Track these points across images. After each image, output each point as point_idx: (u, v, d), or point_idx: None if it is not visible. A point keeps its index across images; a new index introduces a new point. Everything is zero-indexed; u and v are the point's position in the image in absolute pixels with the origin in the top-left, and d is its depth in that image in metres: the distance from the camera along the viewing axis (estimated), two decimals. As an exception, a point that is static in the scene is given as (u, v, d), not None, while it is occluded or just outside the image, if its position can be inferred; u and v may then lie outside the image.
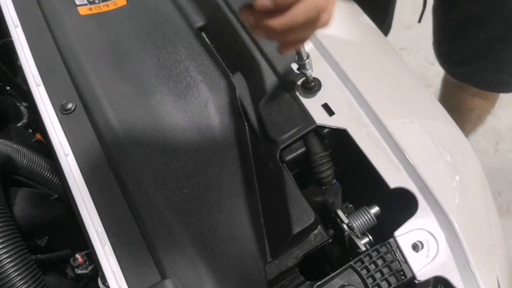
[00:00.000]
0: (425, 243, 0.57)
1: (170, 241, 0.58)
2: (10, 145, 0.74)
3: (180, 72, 0.73)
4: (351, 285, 0.56)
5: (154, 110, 0.69)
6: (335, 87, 0.67)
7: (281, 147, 0.63)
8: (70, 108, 0.68)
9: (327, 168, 0.64)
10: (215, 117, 0.68)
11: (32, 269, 0.61)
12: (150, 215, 0.59)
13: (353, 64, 0.67)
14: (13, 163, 0.74)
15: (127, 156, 0.64)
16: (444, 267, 0.56)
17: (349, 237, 0.62)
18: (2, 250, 0.58)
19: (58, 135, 0.66)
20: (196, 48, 0.76)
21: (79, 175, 0.63)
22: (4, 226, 0.60)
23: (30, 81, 0.71)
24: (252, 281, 0.58)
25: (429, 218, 0.58)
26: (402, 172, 0.60)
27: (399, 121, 0.62)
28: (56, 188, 0.83)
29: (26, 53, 0.74)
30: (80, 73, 0.72)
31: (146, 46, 0.76)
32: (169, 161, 0.64)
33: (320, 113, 0.65)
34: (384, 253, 0.56)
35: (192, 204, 0.61)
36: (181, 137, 0.66)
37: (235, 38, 0.75)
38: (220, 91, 0.71)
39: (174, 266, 0.56)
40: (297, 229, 0.58)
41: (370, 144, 0.62)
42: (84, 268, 0.85)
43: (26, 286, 0.59)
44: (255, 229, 0.61)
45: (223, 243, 0.59)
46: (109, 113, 0.68)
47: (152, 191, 0.61)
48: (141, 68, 0.73)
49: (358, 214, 0.63)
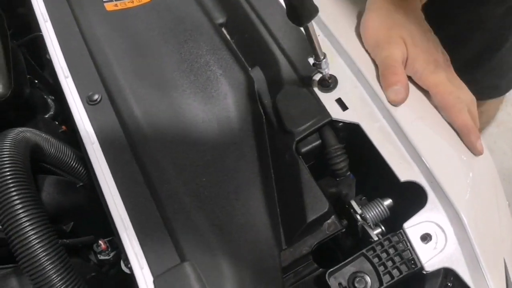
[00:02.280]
0: (434, 235, 0.59)
1: (189, 226, 0.61)
2: (39, 134, 0.78)
3: (201, 66, 0.76)
4: (363, 272, 0.58)
5: (176, 101, 0.72)
6: (349, 82, 0.69)
7: (297, 139, 0.65)
8: (96, 99, 0.72)
9: (341, 160, 0.66)
10: (234, 109, 0.71)
11: (61, 251, 0.64)
12: (171, 201, 0.62)
13: (367, 60, 0.69)
14: (41, 151, 0.78)
15: (149, 145, 0.67)
16: (451, 259, 0.58)
17: (362, 227, 0.64)
18: (32, 233, 0.62)
19: (85, 125, 0.70)
20: (216, 43, 0.78)
21: (104, 162, 0.66)
22: (35, 210, 0.63)
23: (59, 73, 0.75)
24: (267, 267, 0.61)
25: (438, 211, 0.60)
26: (413, 166, 0.62)
27: (411, 117, 0.64)
28: (81, 177, 0.87)
29: (55, 46, 0.78)
30: (105, 66, 0.75)
31: (169, 40, 0.79)
32: (189, 150, 0.67)
33: (334, 107, 0.67)
34: (395, 242, 0.58)
35: (211, 191, 0.64)
36: (201, 128, 0.69)
37: (254, 34, 0.78)
38: (239, 84, 0.73)
39: (193, 249, 0.59)
40: (312, 217, 0.60)
41: (382, 138, 0.64)
42: (107, 255, 0.89)
43: (54, 266, 0.62)
44: (271, 217, 0.64)
45: (239, 230, 0.62)
46: (133, 104, 0.71)
47: (172, 179, 0.64)
48: (163, 61, 0.76)
49: (371, 205, 0.65)
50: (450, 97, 0.64)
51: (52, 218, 0.69)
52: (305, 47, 0.73)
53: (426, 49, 0.67)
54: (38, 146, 0.76)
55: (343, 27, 0.73)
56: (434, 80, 0.65)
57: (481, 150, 0.63)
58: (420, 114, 0.64)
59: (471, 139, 0.63)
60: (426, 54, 0.66)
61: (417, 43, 0.67)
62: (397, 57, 0.66)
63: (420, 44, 0.67)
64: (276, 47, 0.74)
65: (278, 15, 0.77)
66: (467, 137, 0.63)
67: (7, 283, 0.69)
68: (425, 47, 0.67)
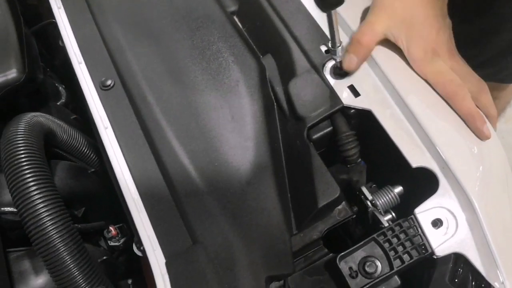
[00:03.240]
0: (445, 221, 0.59)
1: (201, 209, 0.61)
2: (52, 120, 0.78)
3: (212, 53, 0.76)
4: (373, 256, 0.59)
5: (188, 87, 0.72)
6: (362, 70, 0.69)
7: (308, 125, 0.66)
8: (109, 84, 0.72)
9: (353, 147, 0.66)
10: (245, 96, 0.71)
11: (74, 234, 0.65)
12: (184, 186, 0.63)
13: (380, 47, 0.69)
14: (54, 137, 0.79)
15: (161, 129, 0.67)
16: (462, 244, 0.58)
17: (372, 213, 0.64)
18: (46, 214, 0.62)
19: (98, 109, 0.70)
20: (228, 30, 0.79)
21: (117, 146, 0.67)
22: (49, 193, 0.64)
23: (73, 59, 0.76)
24: (278, 251, 0.61)
25: (449, 197, 0.60)
26: (425, 152, 0.62)
27: (423, 104, 0.64)
28: (93, 163, 0.88)
29: (69, 33, 0.79)
30: (118, 52, 0.76)
31: (181, 28, 0.79)
32: (200, 135, 0.67)
33: (347, 94, 0.68)
34: (406, 227, 0.58)
35: (223, 176, 0.64)
36: (212, 114, 0.70)
37: (266, 22, 0.78)
38: (250, 71, 0.74)
39: (205, 232, 0.60)
40: (322, 202, 0.61)
41: (394, 124, 0.64)
42: (117, 241, 0.90)
43: (67, 249, 0.63)
44: (282, 202, 0.64)
45: (251, 214, 0.62)
46: (146, 90, 0.71)
47: (186, 163, 0.65)
48: (175, 48, 0.76)
49: (382, 192, 0.65)
50: (451, 85, 0.64)
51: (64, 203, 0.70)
52: (316, 35, 0.74)
53: (425, 35, 0.66)
54: (51, 131, 0.77)
55: (356, 15, 0.73)
56: (433, 70, 0.65)
57: (488, 134, 0.63)
58: (432, 101, 0.64)
59: (477, 125, 0.62)
60: (422, 41, 0.65)
61: (414, 27, 0.66)
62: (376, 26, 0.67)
63: (418, 29, 0.66)
64: (288, 35, 0.75)
65: (290, 3, 0.77)
66: (472, 123, 0.63)
67: (20, 265, 0.70)
68: (424, 33, 0.66)
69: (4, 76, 0.73)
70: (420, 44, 0.65)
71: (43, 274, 0.68)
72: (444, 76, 0.65)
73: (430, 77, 0.66)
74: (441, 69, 0.65)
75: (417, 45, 0.65)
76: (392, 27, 0.67)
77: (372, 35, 0.68)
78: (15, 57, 0.74)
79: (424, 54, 0.65)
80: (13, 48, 0.75)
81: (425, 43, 0.65)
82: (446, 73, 0.65)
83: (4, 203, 0.71)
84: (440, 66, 0.65)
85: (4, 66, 0.73)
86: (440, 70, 0.65)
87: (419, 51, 0.65)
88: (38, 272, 0.69)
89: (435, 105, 0.64)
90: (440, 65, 0.65)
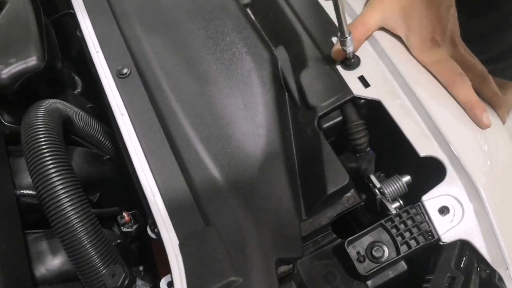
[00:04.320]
0: (451, 208, 0.60)
1: (214, 193, 0.63)
2: (70, 107, 0.81)
3: (226, 44, 0.78)
4: (380, 242, 0.60)
5: (202, 76, 0.74)
6: (372, 61, 0.71)
7: (319, 114, 0.67)
8: (126, 72, 0.75)
9: (362, 136, 0.68)
10: (258, 86, 0.73)
11: (92, 218, 0.67)
12: (197, 171, 0.65)
13: (389, 39, 0.70)
14: (71, 123, 0.82)
15: (176, 116, 0.70)
16: (468, 231, 0.59)
17: (380, 201, 0.66)
18: (65, 195, 0.65)
19: (115, 97, 0.73)
20: (241, 22, 0.80)
21: (133, 132, 0.69)
22: (69, 178, 0.66)
23: (90, 48, 0.78)
24: (288, 235, 0.63)
25: (456, 185, 0.61)
26: (433, 141, 0.63)
27: (432, 93, 0.65)
28: (107, 150, 0.91)
29: (87, 22, 0.81)
30: (134, 41, 0.78)
31: (195, 18, 0.81)
32: (214, 123, 0.69)
33: (357, 84, 0.69)
34: (414, 214, 0.60)
35: (235, 162, 0.66)
36: (225, 102, 0.72)
37: (279, 14, 0.79)
38: (263, 62, 0.75)
39: (217, 215, 0.61)
40: (332, 189, 0.62)
41: (403, 114, 0.66)
42: (130, 227, 0.92)
43: (87, 233, 0.65)
44: (292, 188, 0.66)
45: (262, 198, 0.64)
46: (161, 78, 0.74)
47: (199, 149, 0.67)
48: (190, 38, 0.78)
49: (390, 181, 0.67)
50: (450, 74, 0.65)
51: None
52: (328, 27, 0.75)
53: (425, 24, 0.66)
54: (69, 118, 0.80)
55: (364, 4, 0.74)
56: (431, 58, 0.66)
57: (487, 123, 0.63)
58: (441, 91, 0.66)
59: (476, 113, 0.63)
60: (421, 30, 0.67)
61: (414, 16, 0.67)
62: (368, 20, 0.69)
63: (418, 18, 0.67)
64: (300, 27, 0.76)
65: (303, -5, 0.79)
66: (471, 111, 0.64)
67: (37, 245, 0.72)
68: (424, 22, 0.66)
69: (24, 64, 0.75)
70: (418, 33, 0.67)
71: (60, 255, 0.71)
72: (442, 65, 0.66)
73: (429, 66, 0.67)
74: (440, 58, 0.66)
75: (416, 34, 0.67)
76: (389, 18, 0.69)
77: (363, 30, 0.70)
78: (35, 45, 0.77)
79: (423, 42, 0.67)
80: (33, 37, 0.77)
81: (424, 32, 0.66)
82: (444, 61, 0.66)
83: (23, 186, 0.74)
84: (439, 55, 0.66)
85: (24, 53, 0.76)
86: (439, 59, 0.66)
87: (418, 39, 0.67)
88: (55, 252, 0.71)
89: (443, 95, 0.65)
90: (439, 54, 0.66)
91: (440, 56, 0.66)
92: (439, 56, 0.66)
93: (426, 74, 0.67)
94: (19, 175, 0.75)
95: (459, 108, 0.65)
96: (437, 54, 0.66)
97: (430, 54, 0.66)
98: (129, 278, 0.60)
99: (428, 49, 0.66)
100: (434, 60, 0.66)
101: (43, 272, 0.70)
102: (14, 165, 0.76)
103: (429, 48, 0.66)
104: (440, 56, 0.66)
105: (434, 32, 0.66)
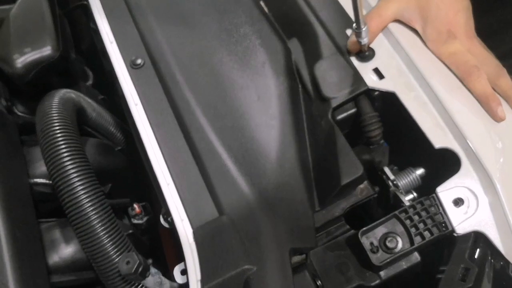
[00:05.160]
0: (466, 200, 0.60)
1: (227, 182, 0.63)
2: (83, 97, 0.81)
3: (240, 36, 0.78)
4: (394, 233, 0.60)
5: (215, 68, 0.74)
6: (387, 53, 0.71)
7: (333, 106, 0.67)
8: (140, 63, 0.75)
9: (376, 128, 0.68)
10: (271, 77, 0.73)
11: (106, 207, 0.67)
12: (211, 161, 0.65)
13: (404, 31, 0.70)
14: (84, 114, 0.82)
15: (190, 106, 0.70)
16: (482, 223, 0.59)
17: (394, 193, 0.66)
18: (81, 186, 0.65)
19: (129, 87, 0.73)
20: (255, 14, 0.81)
21: (146, 122, 0.69)
22: (83, 166, 0.66)
23: (104, 38, 0.78)
24: (301, 225, 0.63)
25: (471, 177, 0.61)
26: (447, 133, 0.63)
27: (447, 86, 0.65)
28: (119, 142, 0.91)
29: (101, 13, 0.81)
30: (148, 32, 0.79)
31: (209, 10, 0.81)
32: (228, 113, 0.70)
33: (371, 76, 0.69)
34: (428, 205, 0.60)
35: (249, 153, 0.66)
36: (239, 94, 0.72)
37: (292, 6, 0.79)
38: (276, 54, 0.75)
39: (231, 204, 0.62)
40: (345, 180, 0.62)
41: (418, 106, 0.66)
42: (140, 219, 0.93)
43: (101, 221, 0.65)
44: (305, 179, 0.66)
45: (275, 189, 0.64)
46: (175, 69, 0.74)
47: (213, 139, 0.67)
48: (204, 30, 0.79)
49: (403, 173, 0.67)
50: (465, 66, 0.65)
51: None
52: (342, 19, 0.75)
53: (441, 16, 0.66)
54: (82, 108, 0.80)
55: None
56: (447, 51, 0.66)
57: (502, 116, 0.63)
58: (456, 83, 0.65)
59: (491, 106, 0.63)
60: (437, 22, 0.67)
61: (430, 8, 0.67)
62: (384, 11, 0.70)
63: (434, 10, 0.67)
64: (314, 19, 0.76)
65: (317, -12, 0.79)
66: (486, 104, 0.64)
67: (51, 234, 0.72)
68: (440, 14, 0.66)
69: (39, 53, 0.75)
70: (435, 25, 0.67)
71: (73, 243, 0.71)
72: (458, 57, 0.66)
73: (445, 58, 0.67)
74: (456, 50, 0.66)
75: (432, 26, 0.67)
76: (404, 10, 0.69)
77: (379, 21, 0.70)
78: (50, 35, 0.77)
79: (439, 35, 0.67)
80: (48, 26, 0.78)
81: (440, 24, 0.67)
82: (460, 54, 0.66)
83: (36, 175, 0.74)
84: (455, 48, 0.66)
85: (39, 43, 0.76)
86: (455, 51, 0.66)
87: (434, 32, 0.67)
88: (68, 241, 0.71)
89: (459, 87, 0.65)
90: (455, 46, 0.66)
91: (455, 48, 0.66)
92: (455, 48, 0.65)
93: (441, 66, 0.67)
94: (33, 164, 0.75)
95: (474, 101, 0.64)
96: (452, 46, 0.66)
97: (446, 46, 0.66)
98: (143, 266, 0.60)
99: (444, 41, 0.66)
100: (450, 53, 0.66)
101: (56, 261, 0.70)
102: (28, 154, 0.76)
103: (445, 40, 0.66)
104: (456, 49, 0.66)
105: (450, 24, 0.66)
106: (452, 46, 0.66)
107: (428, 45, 0.68)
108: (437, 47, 0.67)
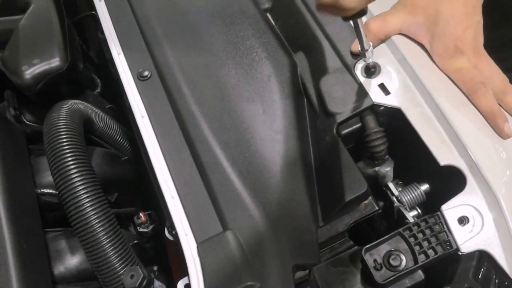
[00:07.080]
0: (471, 218, 0.60)
1: (232, 197, 0.64)
2: (90, 107, 0.82)
3: (246, 49, 0.78)
4: (398, 250, 0.60)
5: (221, 81, 0.75)
6: (393, 68, 0.70)
7: (338, 121, 0.68)
8: (147, 75, 0.75)
9: (381, 143, 0.68)
10: (277, 91, 0.73)
11: (111, 217, 0.68)
12: (215, 174, 0.65)
13: (411, 46, 0.70)
14: (91, 124, 0.83)
15: (195, 119, 0.70)
16: (487, 242, 0.58)
17: (398, 209, 0.65)
18: (85, 196, 0.66)
19: (135, 99, 0.73)
20: (261, 27, 0.81)
21: (152, 134, 0.70)
22: (89, 178, 0.67)
23: (112, 50, 0.79)
24: (305, 241, 0.63)
25: (476, 195, 0.60)
26: (453, 150, 0.63)
27: (453, 102, 0.65)
28: (126, 151, 0.92)
29: (109, 25, 0.82)
30: (155, 45, 0.79)
31: (216, 22, 0.82)
32: (233, 126, 0.70)
33: (377, 92, 0.69)
34: (432, 223, 0.59)
35: (253, 167, 0.67)
36: (244, 107, 0.72)
37: (299, 20, 0.80)
38: (282, 67, 0.76)
39: (235, 219, 0.62)
40: (350, 196, 0.62)
41: (423, 123, 0.65)
42: (146, 227, 0.93)
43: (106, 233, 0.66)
44: (309, 195, 0.66)
45: (279, 204, 0.64)
46: (181, 81, 0.74)
47: (218, 153, 0.67)
48: (210, 42, 0.79)
49: (408, 189, 0.66)
50: (471, 83, 0.64)
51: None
52: (349, 35, 0.75)
53: (449, 32, 0.66)
54: (89, 119, 0.81)
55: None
56: (453, 66, 0.66)
57: (509, 133, 0.63)
58: (462, 100, 0.65)
59: (497, 123, 0.63)
60: (445, 37, 0.66)
61: (438, 23, 0.67)
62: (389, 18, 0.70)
63: (443, 25, 0.66)
64: (321, 33, 0.76)
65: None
66: (492, 121, 0.63)
67: (56, 244, 0.73)
68: (449, 29, 0.66)
69: (48, 64, 0.76)
70: (442, 40, 0.66)
71: (78, 254, 0.72)
72: (464, 73, 0.65)
73: (451, 74, 0.67)
74: (462, 66, 0.65)
75: (439, 41, 0.67)
76: (411, 23, 0.69)
77: (382, 25, 0.70)
78: (59, 46, 0.78)
79: (445, 50, 0.66)
80: (56, 38, 0.79)
81: (448, 39, 0.66)
82: (466, 70, 0.65)
83: (43, 185, 0.75)
84: (461, 63, 0.66)
85: (48, 54, 0.77)
86: (461, 67, 0.65)
87: (441, 47, 0.67)
88: (74, 251, 0.72)
89: (465, 104, 0.65)
90: (461, 62, 0.66)
91: (462, 64, 0.65)
92: (462, 64, 0.65)
93: (448, 82, 0.67)
94: (39, 174, 0.76)
95: (481, 117, 0.64)
96: (459, 62, 0.65)
97: (453, 61, 0.66)
98: (147, 279, 0.61)
99: (451, 57, 0.66)
100: (456, 68, 0.66)
101: (61, 270, 0.71)
102: (35, 164, 0.77)
103: (451, 56, 0.66)
104: (462, 65, 0.65)
105: (458, 40, 0.65)
106: (458, 62, 0.66)
107: (434, 60, 0.68)
108: (443, 62, 0.67)
